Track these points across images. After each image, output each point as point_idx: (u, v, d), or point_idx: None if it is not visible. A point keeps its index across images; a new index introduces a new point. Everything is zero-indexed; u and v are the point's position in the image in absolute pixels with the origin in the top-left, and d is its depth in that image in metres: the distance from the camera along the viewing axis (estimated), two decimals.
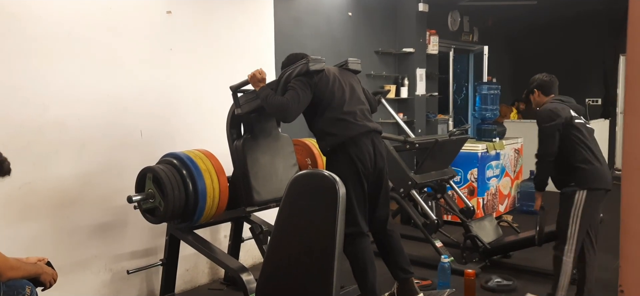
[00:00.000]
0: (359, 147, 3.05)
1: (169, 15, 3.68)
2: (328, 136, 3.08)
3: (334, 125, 3.06)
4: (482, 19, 8.14)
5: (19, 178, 2.93)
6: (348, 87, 3.18)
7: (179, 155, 3.12)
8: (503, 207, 6.06)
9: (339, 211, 1.87)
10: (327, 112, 3.07)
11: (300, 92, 2.97)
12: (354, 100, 3.15)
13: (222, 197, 3.14)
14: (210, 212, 3.12)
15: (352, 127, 3.05)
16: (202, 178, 3.05)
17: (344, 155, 3.05)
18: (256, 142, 3.27)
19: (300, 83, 3.00)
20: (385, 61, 6.18)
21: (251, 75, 3.08)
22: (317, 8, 5.22)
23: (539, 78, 3.56)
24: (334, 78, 3.13)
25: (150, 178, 3.02)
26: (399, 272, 3.28)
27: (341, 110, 3.06)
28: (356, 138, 3.05)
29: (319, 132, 3.14)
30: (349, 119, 3.07)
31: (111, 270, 3.39)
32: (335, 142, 3.06)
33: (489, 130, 5.92)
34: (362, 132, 3.07)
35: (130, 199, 2.97)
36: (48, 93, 3.05)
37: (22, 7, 2.94)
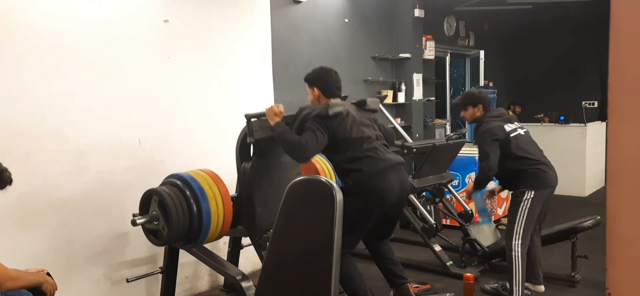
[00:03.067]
0: (386, 181, 3.02)
1: (166, 24, 3.70)
2: (352, 172, 3.01)
3: (358, 162, 3.00)
4: (478, 23, 8.18)
5: (18, 188, 2.92)
6: (367, 127, 3.14)
7: (184, 177, 3.07)
8: (501, 211, 6.06)
9: (336, 216, 1.88)
10: (348, 151, 3.02)
11: (318, 135, 2.93)
12: (373, 137, 3.12)
13: (226, 220, 3.11)
14: (214, 234, 3.11)
15: (376, 162, 3.01)
16: (208, 203, 3.01)
17: (365, 191, 3.00)
18: (263, 166, 3.24)
19: (319, 126, 2.95)
20: (382, 67, 6.21)
21: (268, 108, 3.06)
22: (314, 15, 5.25)
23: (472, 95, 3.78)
24: (353, 120, 3.08)
25: (155, 201, 2.99)
26: (394, 279, 3.32)
27: (362, 148, 3.03)
28: (382, 173, 3.02)
29: (342, 169, 3.09)
30: (372, 154, 3.03)
31: (111, 279, 3.39)
32: (360, 177, 3.00)
33: None
34: (387, 167, 3.04)
35: (134, 222, 2.96)
36: (47, 102, 3.06)
37: (22, 17, 2.95)
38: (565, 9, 7.48)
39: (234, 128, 4.17)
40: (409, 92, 6.33)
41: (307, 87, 3.29)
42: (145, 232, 3.10)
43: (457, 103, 3.80)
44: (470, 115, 3.68)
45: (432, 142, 4.52)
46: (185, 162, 3.69)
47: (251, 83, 4.36)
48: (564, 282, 3.86)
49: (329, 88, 3.19)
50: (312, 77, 3.25)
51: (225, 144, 4.06)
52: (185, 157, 3.73)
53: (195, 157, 3.80)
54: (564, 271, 3.90)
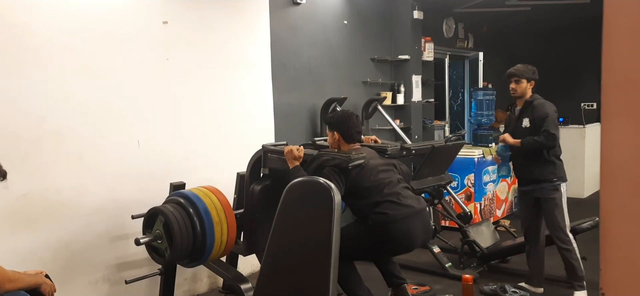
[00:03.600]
0: (410, 230, 3.01)
1: (165, 25, 3.70)
2: (375, 214, 2.98)
3: (379, 206, 2.98)
4: (477, 25, 8.18)
5: (17, 190, 2.94)
6: (386, 172, 3.13)
7: (191, 199, 3.03)
8: (500, 212, 6.07)
9: (334, 218, 1.88)
10: (370, 197, 3.00)
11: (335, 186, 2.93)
12: (394, 181, 3.10)
13: (229, 244, 3.11)
14: (215, 256, 3.13)
15: (400, 208, 2.99)
16: (212, 228, 3.00)
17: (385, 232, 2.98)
18: (272, 188, 3.22)
19: (336, 176, 2.93)
20: (381, 68, 6.22)
21: (288, 150, 3.06)
22: (313, 16, 5.26)
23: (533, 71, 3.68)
24: (372, 168, 3.06)
25: (161, 221, 2.97)
26: (392, 279, 3.34)
27: (383, 193, 3.00)
28: (406, 219, 2.99)
29: (362, 212, 3.06)
30: (394, 199, 3.00)
31: (109, 280, 3.39)
32: (383, 219, 2.97)
33: (485, 135, 5.95)
34: (411, 213, 3.02)
35: (137, 242, 2.95)
36: (46, 104, 3.07)
37: (20, 19, 2.96)
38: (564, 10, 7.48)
39: (233, 130, 4.19)
40: (408, 94, 6.33)
41: (327, 129, 3.28)
42: (147, 249, 3.09)
43: (514, 72, 3.62)
44: (522, 89, 3.60)
45: (431, 143, 4.52)
46: (184, 164, 3.70)
47: (250, 84, 4.37)
48: (562, 284, 3.85)
49: (349, 133, 3.17)
50: (333, 121, 3.23)
51: (224, 146, 4.07)
52: (184, 159, 3.73)
53: (194, 159, 3.80)
54: (562, 273, 3.89)
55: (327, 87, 5.28)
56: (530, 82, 3.60)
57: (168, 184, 3.37)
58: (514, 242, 4.35)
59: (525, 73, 3.59)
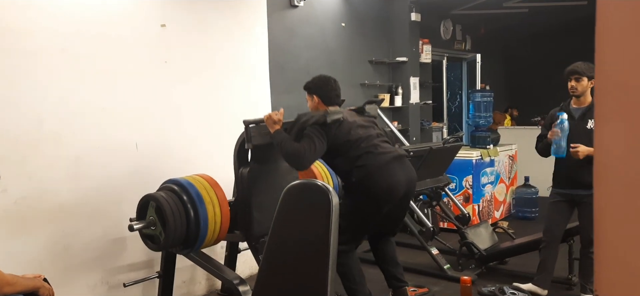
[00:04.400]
0: (391, 174, 3.02)
1: (163, 28, 3.71)
2: (355, 169, 3.01)
3: (359, 159, 3.01)
4: (475, 27, 8.20)
5: (15, 193, 2.94)
6: (363, 128, 3.15)
7: (182, 183, 3.06)
8: (498, 213, 6.08)
9: (332, 221, 1.88)
10: (349, 152, 3.03)
11: (317, 142, 2.94)
12: (372, 134, 3.14)
13: (223, 226, 3.11)
14: (211, 239, 3.12)
15: (378, 156, 3.02)
16: (204, 208, 3.01)
17: (370, 187, 3.00)
18: (261, 171, 3.24)
19: (317, 133, 2.96)
20: (379, 70, 6.23)
21: (267, 116, 3.07)
22: (311, 19, 5.26)
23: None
24: (351, 124, 3.10)
25: (153, 206, 2.98)
26: (393, 281, 3.34)
27: (361, 147, 3.04)
28: (386, 165, 3.02)
29: (344, 170, 3.10)
30: (372, 150, 3.04)
31: (108, 283, 3.39)
32: (364, 172, 3.00)
33: (483, 137, 5.96)
34: (390, 159, 3.05)
35: (131, 227, 2.96)
36: (43, 107, 3.07)
37: (18, 21, 2.96)
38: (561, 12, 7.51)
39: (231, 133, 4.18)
40: (406, 96, 6.35)
41: (306, 94, 3.30)
42: (142, 237, 3.10)
43: (576, 69, 3.41)
44: (583, 87, 3.41)
45: (429, 145, 4.53)
46: (182, 166, 3.69)
47: (248, 87, 4.37)
48: (561, 285, 3.86)
49: (328, 96, 3.21)
50: (312, 85, 3.27)
51: (222, 148, 4.07)
52: (182, 162, 3.73)
53: (192, 162, 3.80)
54: (561, 274, 3.90)
55: None
56: (591, 81, 3.41)
57: None
58: (513, 243, 4.36)
59: (587, 71, 3.40)
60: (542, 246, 3.65)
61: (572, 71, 3.45)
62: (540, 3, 6.92)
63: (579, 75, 3.41)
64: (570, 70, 3.46)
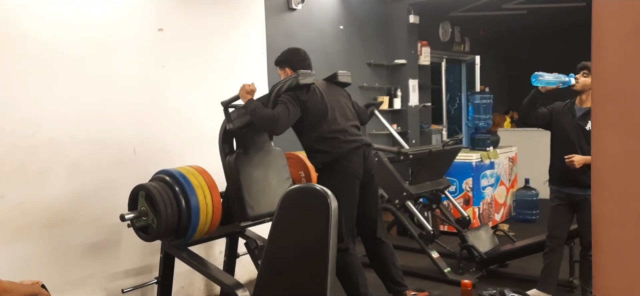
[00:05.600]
0: (351, 161, 3.10)
1: (161, 32, 3.69)
2: (319, 153, 3.13)
3: (324, 143, 3.10)
4: (474, 29, 8.20)
5: (12, 199, 2.92)
6: (337, 104, 3.21)
7: (171, 172, 3.11)
8: (499, 216, 6.06)
9: (331, 225, 1.87)
10: (317, 129, 3.10)
11: (290, 107, 2.99)
12: (343, 116, 3.19)
13: (215, 213, 3.13)
14: (204, 228, 3.11)
15: (342, 144, 3.09)
16: (195, 194, 3.04)
17: (334, 171, 3.09)
18: (248, 157, 3.28)
19: (291, 98, 3.02)
20: (377, 73, 6.22)
21: (241, 87, 3.10)
22: (309, 22, 5.26)
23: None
24: (322, 95, 3.16)
25: (142, 195, 3.01)
26: (392, 285, 3.30)
27: (330, 128, 3.10)
28: (347, 154, 3.10)
29: (309, 149, 3.19)
30: (339, 136, 3.11)
31: (106, 289, 3.37)
32: (326, 158, 3.11)
33: (482, 139, 5.95)
34: (352, 148, 3.12)
35: (123, 217, 2.96)
36: (40, 112, 3.05)
37: (14, 26, 2.94)
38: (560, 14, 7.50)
39: None
40: (405, 98, 6.34)
41: (278, 70, 3.37)
42: (135, 230, 3.09)
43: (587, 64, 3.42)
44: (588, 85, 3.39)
45: (429, 147, 4.52)
46: None
47: None
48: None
49: (299, 65, 3.26)
50: (282, 59, 3.35)
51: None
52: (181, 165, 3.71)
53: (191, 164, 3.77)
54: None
55: None
56: None
57: None
58: (513, 246, 4.33)
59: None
60: (547, 251, 3.61)
61: (582, 66, 3.45)
62: (539, 5, 6.92)
63: (588, 72, 3.40)
64: (581, 65, 3.47)
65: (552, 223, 3.63)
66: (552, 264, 3.59)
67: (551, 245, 3.59)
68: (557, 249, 3.59)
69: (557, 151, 3.51)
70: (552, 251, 3.59)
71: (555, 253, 3.59)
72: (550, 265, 3.60)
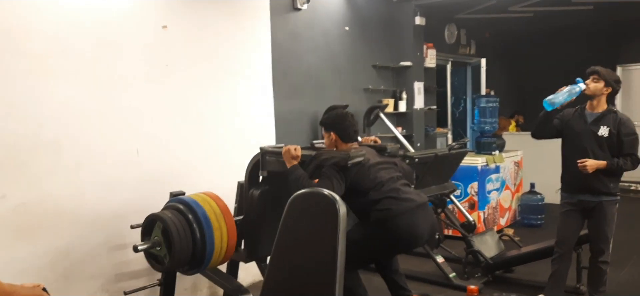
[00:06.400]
0: (414, 223, 2.91)
1: (165, 30, 3.65)
2: (376, 211, 2.90)
3: (381, 202, 2.90)
4: (479, 31, 8.15)
5: (14, 199, 2.89)
6: (385, 169, 3.05)
7: (190, 204, 2.97)
8: (504, 221, 6.01)
9: (339, 231, 1.82)
10: (369, 194, 2.92)
11: (335, 183, 2.82)
12: (394, 177, 3.04)
13: (229, 251, 3.04)
14: (216, 263, 3.05)
15: (401, 202, 2.91)
16: (212, 234, 2.93)
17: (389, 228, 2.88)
18: (271, 193, 3.16)
19: (336, 174, 2.85)
20: (382, 75, 6.17)
21: (286, 149, 2.97)
22: (314, 23, 5.21)
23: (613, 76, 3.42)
24: (371, 165, 2.99)
25: (159, 227, 2.90)
26: (397, 290, 3.27)
27: (382, 190, 2.92)
28: (410, 213, 2.91)
29: (362, 210, 2.97)
30: (394, 195, 2.92)
31: (108, 291, 3.33)
32: (385, 215, 2.88)
33: (488, 143, 5.89)
34: (414, 207, 2.94)
35: (136, 248, 2.87)
36: (42, 112, 3.01)
37: (16, 24, 2.91)
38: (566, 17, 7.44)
39: (233, 137, 4.14)
40: (410, 101, 6.28)
41: (322, 131, 3.21)
42: (146, 256, 3.02)
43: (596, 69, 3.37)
44: (599, 90, 3.34)
45: (434, 151, 4.47)
46: (183, 172, 3.64)
47: (251, 91, 4.32)
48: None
49: (346, 132, 3.11)
50: (329, 122, 3.16)
51: (224, 153, 4.02)
52: (184, 167, 3.68)
53: (194, 167, 3.74)
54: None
55: (328, 93, 5.23)
56: (607, 88, 3.36)
57: (168, 193, 3.30)
58: (520, 252, 4.28)
59: (607, 76, 3.36)
60: (555, 257, 3.55)
61: (592, 71, 3.40)
62: (546, 8, 6.86)
63: (598, 76, 3.36)
64: (591, 70, 3.42)
65: (562, 229, 3.57)
66: (560, 270, 3.54)
67: (560, 251, 3.54)
68: (565, 255, 3.54)
69: (569, 157, 3.45)
70: (560, 258, 3.54)
71: (563, 259, 3.54)
72: (558, 271, 3.54)
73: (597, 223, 3.40)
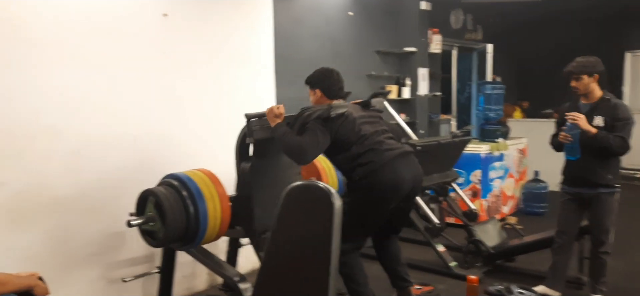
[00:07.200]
0: (395, 171, 2.91)
1: (165, 18, 3.61)
2: (359, 167, 2.91)
3: (362, 157, 2.91)
4: (486, 16, 8.04)
5: (11, 187, 2.88)
6: (369, 123, 3.04)
7: (182, 179, 2.99)
8: (507, 209, 5.97)
9: (334, 223, 1.81)
10: (351, 149, 2.93)
11: (320, 136, 2.83)
12: (378, 130, 3.03)
13: (223, 223, 3.04)
14: (212, 235, 3.04)
15: (382, 153, 2.91)
16: (204, 203, 2.93)
17: (374, 183, 2.89)
18: (262, 166, 3.15)
19: (321, 127, 2.86)
20: (386, 61, 6.11)
21: (268, 109, 2.97)
22: (317, 8, 5.15)
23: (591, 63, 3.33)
24: (354, 118, 2.98)
25: (152, 201, 2.91)
26: (398, 281, 3.24)
27: (364, 144, 2.93)
28: (391, 163, 2.91)
29: (346, 167, 2.99)
30: (376, 147, 2.93)
31: (106, 278, 3.34)
32: (367, 169, 2.89)
33: (492, 130, 5.84)
34: (395, 155, 2.94)
35: (129, 223, 2.88)
36: (40, 99, 2.99)
37: (16, 11, 2.87)
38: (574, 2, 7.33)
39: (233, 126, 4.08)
40: (414, 87, 6.23)
41: (308, 89, 3.19)
42: (141, 233, 3.03)
43: (572, 69, 3.32)
44: (584, 86, 3.30)
45: (437, 139, 4.43)
46: (183, 159, 3.61)
47: (252, 78, 4.27)
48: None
49: (330, 89, 3.10)
50: (314, 79, 3.16)
51: (224, 141, 3.97)
52: (183, 155, 3.66)
53: (193, 155, 3.72)
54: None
55: None
56: (592, 77, 3.30)
57: None
58: (522, 241, 4.26)
59: (585, 67, 3.30)
60: (555, 247, 3.55)
61: (568, 73, 3.37)
62: None
63: (577, 75, 3.33)
64: (567, 71, 3.38)
65: (562, 219, 3.56)
66: (560, 260, 3.53)
67: (560, 241, 3.53)
68: (566, 245, 3.53)
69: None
70: (560, 248, 3.53)
71: (564, 249, 3.53)
72: (558, 261, 3.54)
73: (596, 215, 3.38)
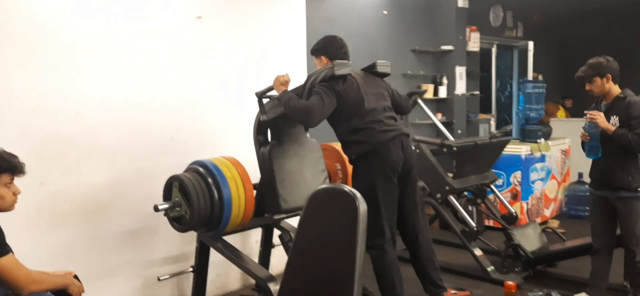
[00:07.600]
0: (387, 152, 2.98)
1: (199, 20, 3.66)
2: (353, 144, 3.02)
3: (358, 133, 2.99)
4: (527, 13, 7.78)
5: (51, 186, 2.98)
6: (374, 95, 3.09)
7: (205, 163, 3.09)
8: (549, 212, 5.76)
9: (359, 230, 1.77)
10: (352, 120, 2.99)
11: (325, 98, 2.88)
12: (379, 107, 3.07)
13: (248, 205, 3.09)
14: (236, 220, 3.08)
15: (377, 134, 2.98)
16: (228, 187, 3.00)
17: (369, 162, 2.98)
18: (283, 148, 3.21)
19: (326, 89, 2.91)
20: (422, 60, 6.00)
21: (275, 79, 3.03)
22: (351, 7, 5.10)
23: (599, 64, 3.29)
24: (358, 86, 3.04)
25: (176, 186, 3.00)
26: (429, 286, 3.15)
27: (364, 119, 2.99)
28: (383, 145, 2.98)
29: (343, 140, 3.09)
30: (374, 127, 2.99)
31: (142, 276, 3.41)
32: (361, 150, 2.99)
33: (533, 130, 5.63)
34: (389, 138, 2.99)
35: (156, 208, 2.96)
36: (79, 100, 3.08)
37: (52, 16, 2.97)
38: None
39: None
40: (451, 86, 6.09)
41: (314, 59, 3.25)
42: (169, 220, 3.10)
43: (582, 75, 3.32)
44: (599, 87, 3.27)
45: (474, 139, 4.30)
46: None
47: None
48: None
49: (336, 53, 3.13)
50: (318, 47, 3.21)
51: None
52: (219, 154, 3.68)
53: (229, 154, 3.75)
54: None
55: None
56: (605, 77, 3.23)
57: None
58: (563, 246, 4.09)
59: (595, 70, 3.25)
60: (593, 252, 3.42)
61: (579, 78, 3.34)
62: None
63: (589, 78, 3.28)
64: (578, 77, 3.36)
65: (593, 222, 3.46)
66: (599, 266, 3.41)
67: (595, 246, 3.42)
68: (602, 250, 3.39)
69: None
70: (598, 254, 3.41)
71: (601, 255, 3.39)
72: (598, 267, 3.42)
73: (624, 222, 3.25)
